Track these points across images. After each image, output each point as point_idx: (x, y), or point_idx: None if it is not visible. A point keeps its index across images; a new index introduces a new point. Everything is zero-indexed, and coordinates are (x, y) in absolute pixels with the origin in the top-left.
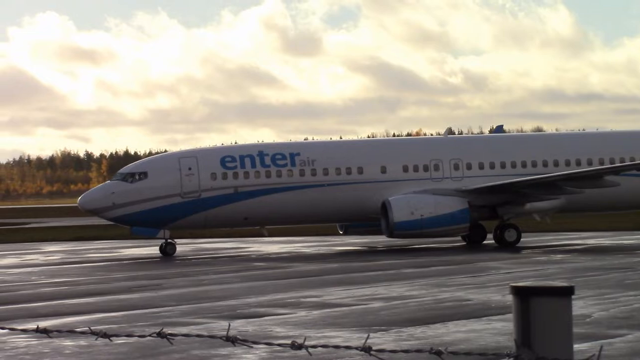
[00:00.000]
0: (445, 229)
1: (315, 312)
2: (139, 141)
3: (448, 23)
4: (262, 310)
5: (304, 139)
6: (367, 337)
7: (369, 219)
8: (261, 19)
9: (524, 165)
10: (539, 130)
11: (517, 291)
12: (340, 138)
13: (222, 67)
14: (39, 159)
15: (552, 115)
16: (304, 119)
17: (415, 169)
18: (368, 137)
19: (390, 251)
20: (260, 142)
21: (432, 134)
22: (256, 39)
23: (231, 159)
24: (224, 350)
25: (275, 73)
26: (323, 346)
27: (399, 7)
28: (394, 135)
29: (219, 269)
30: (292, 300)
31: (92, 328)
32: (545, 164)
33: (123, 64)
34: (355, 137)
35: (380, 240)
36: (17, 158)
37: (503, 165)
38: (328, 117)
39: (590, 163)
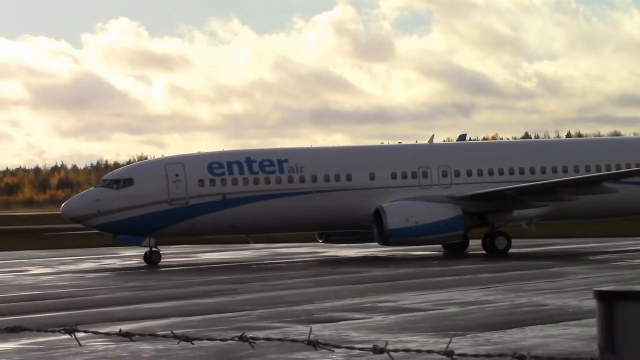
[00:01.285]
0: (440, 236)
1: (391, 316)
2: (214, 146)
3: (520, 27)
4: (337, 314)
5: (381, 143)
6: (450, 342)
7: (356, 226)
8: (332, 24)
9: (511, 172)
10: (617, 134)
11: (601, 296)
12: (416, 142)
13: (295, 72)
14: (116, 164)
15: (627, 119)
16: (377, 124)
17: (404, 175)
18: (444, 141)
19: (466, 256)
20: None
21: (508, 139)
22: (328, 44)
23: (219, 165)
24: (300, 355)
25: (348, 78)
26: (405, 350)
27: (470, 12)
28: (470, 140)
29: (294, 274)
30: (368, 304)
31: (174, 332)
32: (532, 171)
33: (196, 69)
34: (503, 140)
35: (370, 248)
36: (94, 163)
37: (491, 172)
38: (402, 122)
39: (577, 170)
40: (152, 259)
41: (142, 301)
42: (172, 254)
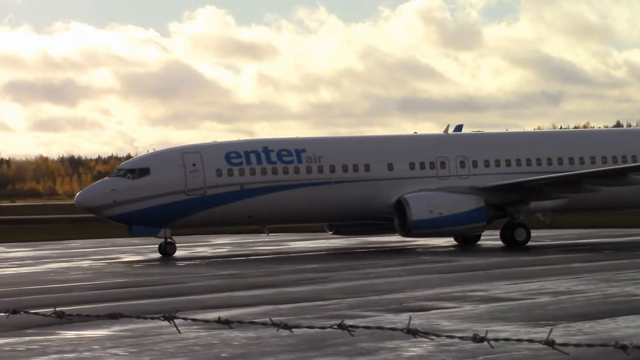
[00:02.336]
0: (463, 228)
1: (481, 306)
2: (303, 135)
3: (609, 15)
4: (428, 303)
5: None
6: (551, 331)
7: (373, 217)
8: (419, 13)
9: (528, 163)
10: None
11: None
12: (506, 130)
13: (382, 61)
14: None
15: None
16: (466, 113)
17: (422, 166)
18: (534, 130)
19: (556, 246)
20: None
21: (599, 127)
22: (415, 32)
23: (236, 154)
24: (390, 343)
25: (436, 66)
26: (505, 339)
27: (558, 0)
28: (560, 129)
29: (385, 263)
30: (459, 294)
31: (272, 319)
32: (549, 162)
33: (283, 58)
34: (519, 131)
35: (380, 239)
36: None
37: (508, 163)
38: (490, 110)
39: (593, 161)
40: (167, 251)
41: (233, 289)
42: (263, 242)
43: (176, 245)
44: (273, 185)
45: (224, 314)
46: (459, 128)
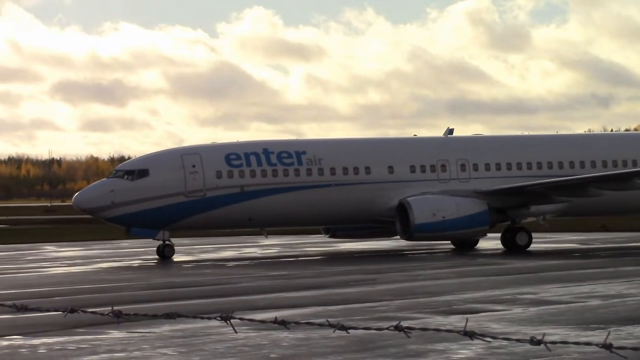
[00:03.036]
0: (467, 232)
1: (531, 309)
2: (351, 136)
3: None
4: (478, 306)
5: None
6: (608, 334)
7: (372, 220)
8: (467, 15)
9: (529, 167)
10: None
11: None
12: (557, 132)
13: (430, 62)
14: None
15: None
16: (515, 115)
17: (423, 169)
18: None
19: (607, 249)
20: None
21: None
22: (463, 34)
23: (236, 156)
24: (439, 346)
25: (484, 68)
26: (562, 342)
27: (607, 2)
28: (611, 131)
29: (434, 264)
30: (508, 296)
31: (329, 320)
32: (550, 166)
33: (332, 59)
34: (567, 133)
35: (380, 243)
36: None
37: (509, 167)
38: (540, 113)
39: (594, 165)
40: (165, 253)
41: (282, 290)
42: (312, 243)
43: (174, 247)
44: (273, 187)
45: (272, 315)
46: (450, 132)
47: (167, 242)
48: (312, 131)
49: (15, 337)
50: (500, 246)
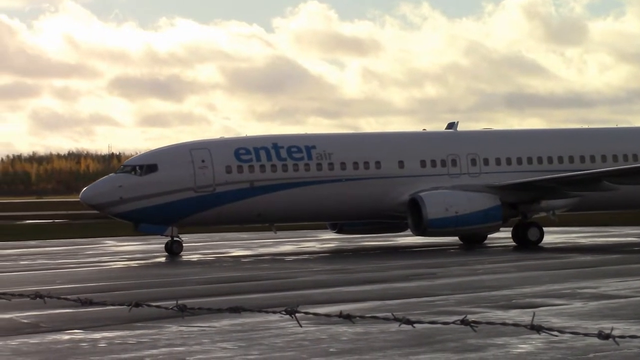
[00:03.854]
0: (480, 227)
1: (591, 303)
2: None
3: None
4: (537, 300)
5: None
6: None
7: (382, 216)
8: (523, 8)
9: (539, 161)
10: None
11: None
12: (616, 126)
13: (487, 56)
14: None
15: None
16: (573, 109)
17: (433, 164)
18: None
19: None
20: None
21: None
22: (519, 28)
23: (245, 151)
24: (499, 340)
25: (541, 62)
26: (632, 336)
27: None
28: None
29: (493, 259)
30: (568, 291)
31: (394, 314)
32: (560, 160)
33: (388, 53)
34: (530, 128)
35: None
36: None
37: (520, 161)
38: (598, 106)
39: (604, 159)
40: (173, 249)
41: (341, 284)
42: (370, 238)
43: (183, 244)
44: (283, 182)
45: (332, 309)
46: (450, 126)
47: (175, 239)
48: (369, 125)
49: (76, 332)
50: (511, 241)
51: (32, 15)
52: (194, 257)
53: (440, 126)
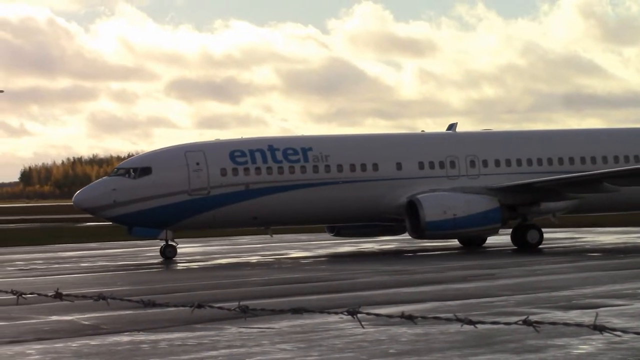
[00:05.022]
0: (478, 229)
1: None
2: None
3: None
4: (597, 301)
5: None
6: None
7: (379, 218)
8: (578, 8)
9: (539, 162)
10: None
11: None
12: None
13: (544, 56)
14: None
15: None
16: (632, 109)
17: (431, 165)
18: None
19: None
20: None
21: None
22: (575, 28)
23: (241, 153)
24: (559, 341)
25: (598, 62)
26: None
27: None
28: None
29: (553, 259)
30: (629, 291)
31: (457, 315)
32: (561, 162)
33: (444, 54)
34: (529, 129)
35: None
36: None
37: (519, 163)
38: None
39: (605, 161)
40: (166, 254)
41: (400, 285)
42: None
43: (177, 248)
44: (279, 185)
45: (392, 310)
46: (451, 127)
47: (169, 242)
48: (427, 126)
49: (137, 333)
50: (510, 244)
51: (88, 18)
52: (254, 259)
53: (499, 126)
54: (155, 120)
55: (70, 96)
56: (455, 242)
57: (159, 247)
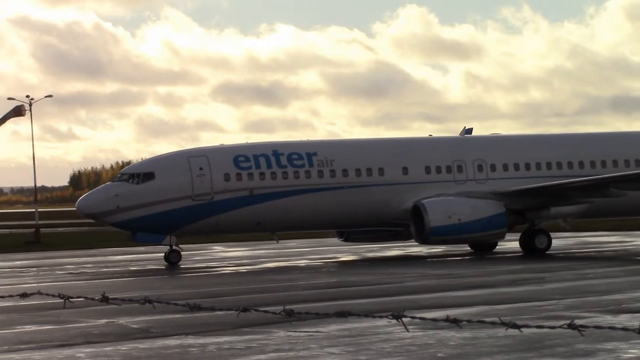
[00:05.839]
0: (483, 234)
1: None
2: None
3: None
4: None
5: None
6: None
7: (386, 223)
8: (625, 10)
9: (549, 167)
10: None
11: None
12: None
13: (591, 59)
14: None
15: None
16: None
17: (438, 170)
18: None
19: None
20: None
21: None
22: (622, 30)
23: (245, 158)
24: (609, 345)
25: None
26: None
27: None
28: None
29: (603, 263)
30: None
31: (501, 318)
32: (570, 166)
33: (490, 57)
34: (538, 133)
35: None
36: None
37: (528, 167)
38: None
39: (615, 164)
40: (170, 259)
41: (448, 289)
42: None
43: (182, 253)
44: (283, 190)
45: (440, 314)
46: (468, 131)
47: (174, 248)
48: (475, 131)
49: (186, 337)
50: (518, 249)
51: (134, 23)
52: (302, 263)
53: (547, 130)
54: (203, 124)
55: (117, 100)
56: (463, 247)
57: (164, 253)
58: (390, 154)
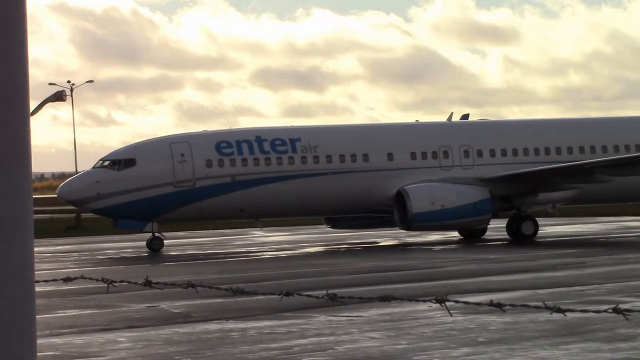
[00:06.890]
0: (467, 221)
1: None
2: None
3: None
4: None
5: None
6: None
7: (371, 210)
8: None
9: (536, 152)
10: None
11: None
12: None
13: (630, 44)
14: None
15: None
16: None
17: (424, 156)
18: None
19: None
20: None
21: None
22: None
23: (227, 144)
24: None
25: None
26: None
27: None
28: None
29: None
30: None
31: (545, 302)
32: (558, 151)
33: (528, 42)
34: (525, 118)
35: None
36: None
37: (515, 153)
38: None
39: (605, 150)
40: (153, 246)
41: (490, 274)
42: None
43: (164, 241)
44: (266, 176)
45: (482, 298)
46: (465, 117)
47: (156, 235)
48: (513, 114)
49: (226, 321)
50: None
51: (170, 9)
52: (342, 247)
53: (586, 114)
54: (241, 109)
55: (156, 86)
56: (452, 234)
57: (146, 241)
58: (375, 140)
